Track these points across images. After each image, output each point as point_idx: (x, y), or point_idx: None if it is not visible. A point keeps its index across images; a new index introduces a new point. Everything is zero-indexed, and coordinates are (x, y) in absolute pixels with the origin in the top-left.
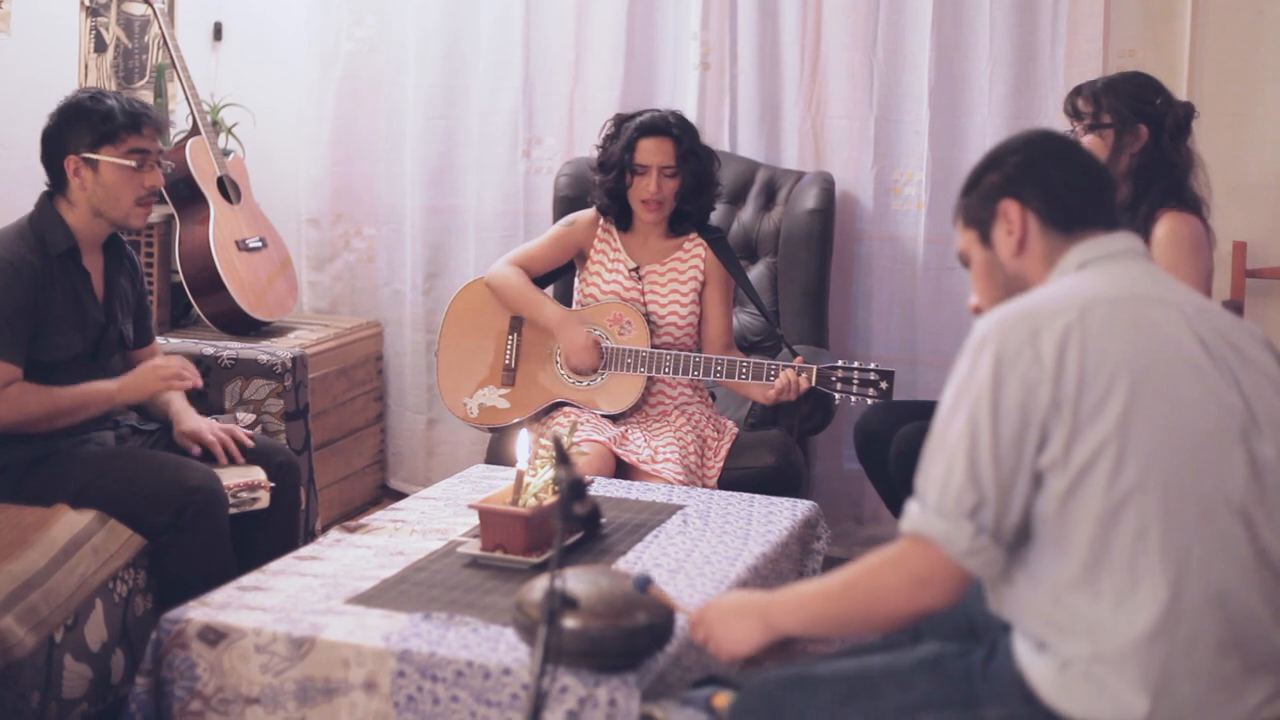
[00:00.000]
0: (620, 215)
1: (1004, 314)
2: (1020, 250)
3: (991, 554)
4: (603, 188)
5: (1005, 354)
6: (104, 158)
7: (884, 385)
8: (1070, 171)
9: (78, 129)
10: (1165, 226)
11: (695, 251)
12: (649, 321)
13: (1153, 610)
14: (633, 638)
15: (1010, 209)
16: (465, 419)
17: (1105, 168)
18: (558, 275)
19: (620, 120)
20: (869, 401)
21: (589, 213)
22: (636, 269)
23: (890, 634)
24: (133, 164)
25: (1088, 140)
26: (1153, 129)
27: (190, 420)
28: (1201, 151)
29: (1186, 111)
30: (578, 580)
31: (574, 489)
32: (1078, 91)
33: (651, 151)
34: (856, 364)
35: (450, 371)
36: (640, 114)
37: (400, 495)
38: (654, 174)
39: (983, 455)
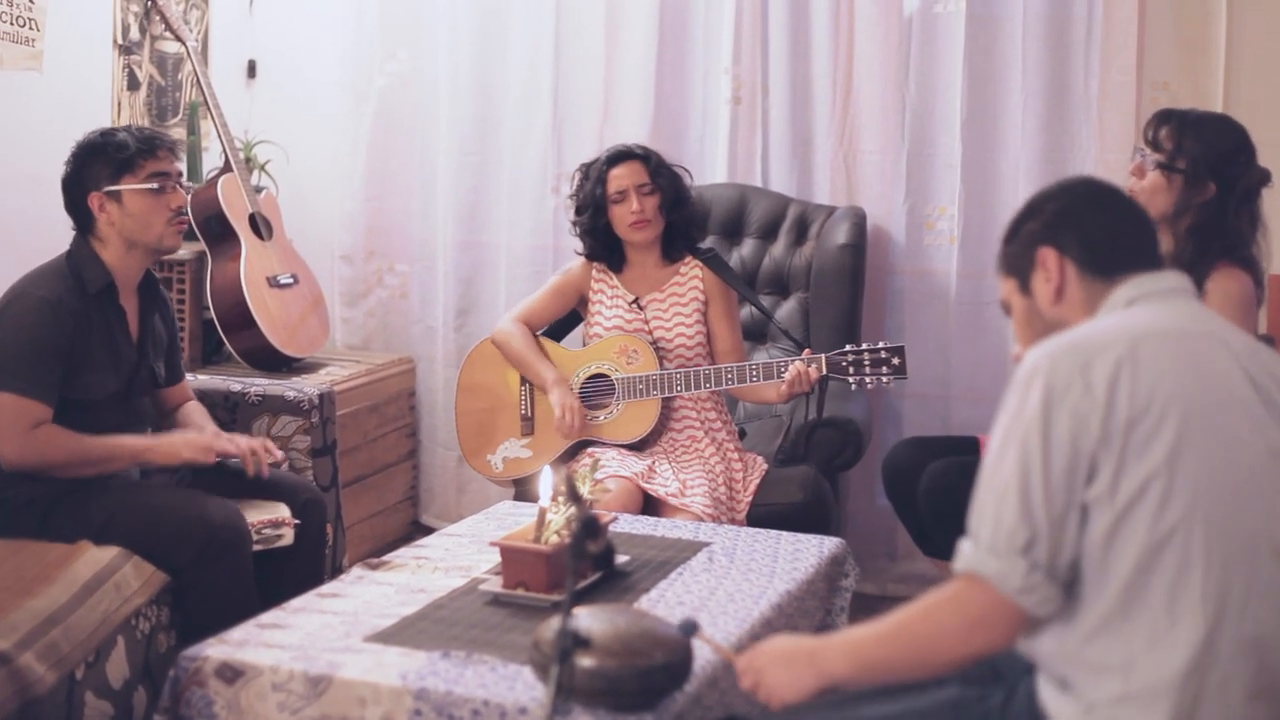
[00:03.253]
0: (610, 255)
1: (1053, 346)
2: (1058, 298)
3: (1046, 591)
4: (585, 230)
5: (1055, 386)
6: (125, 187)
7: (896, 361)
8: (1108, 218)
9: (95, 166)
10: (1217, 282)
11: (693, 273)
12: (657, 348)
13: (1187, 651)
14: (649, 677)
15: (1048, 257)
16: (492, 477)
17: (1144, 212)
18: (568, 325)
19: (585, 167)
20: (885, 381)
21: (580, 260)
22: (636, 300)
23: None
24: (154, 186)
25: (1152, 176)
26: (1221, 189)
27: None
28: None
29: (1261, 178)
30: (595, 619)
31: (587, 527)
32: (1165, 119)
33: (623, 176)
34: (865, 345)
35: (470, 435)
36: (602, 154)
37: (431, 531)
38: (632, 195)
39: (1034, 490)
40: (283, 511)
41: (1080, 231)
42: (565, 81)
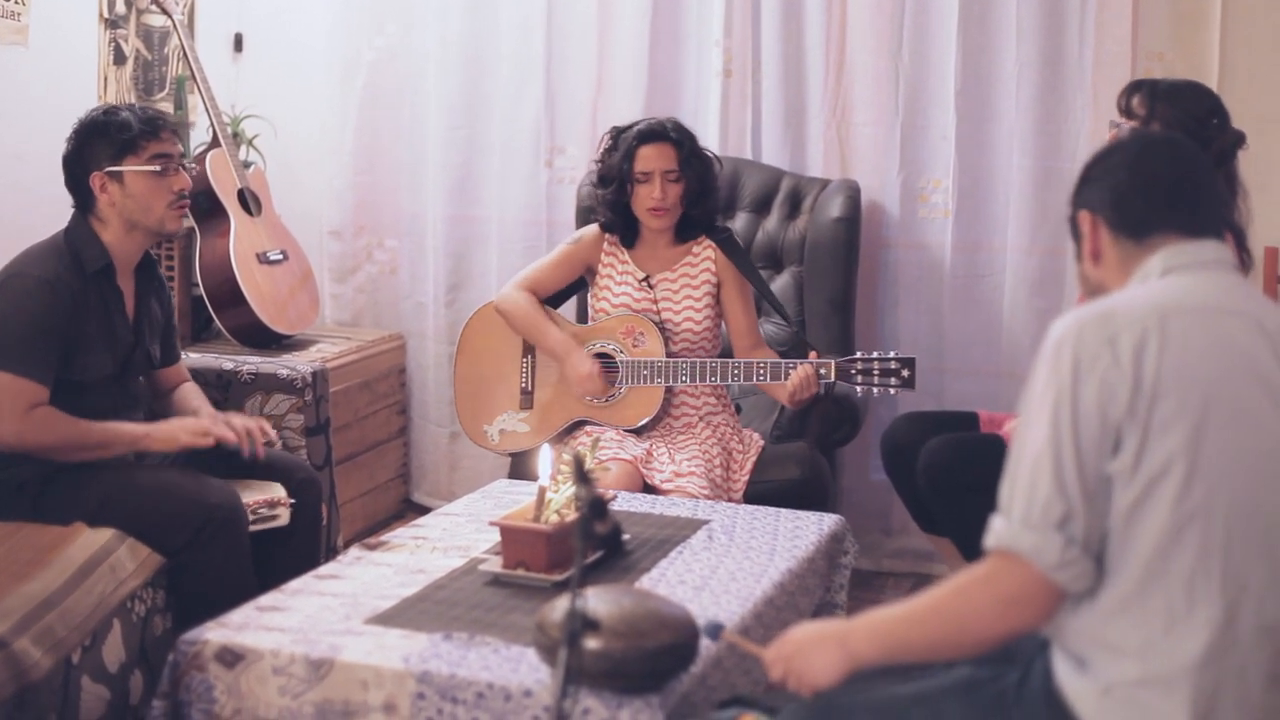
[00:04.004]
0: (625, 230)
1: (1080, 316)
2: (1095, 261)
3: (1083, 566)
4: (604, 201)
5: (1083, 356)
6: (128, 168)
7: (905, 373)
8: (1142, 173)
9: (98, 145)
10: None
11: (705, 255)
12: (663, 330)
13: (1205, 636)
14: (656, 658)
15: (1084, 220)
16: (487, 447)
17: (1188, 169)
18: (570, 293)
19: (617, 132)
20: (892, 391)
21: (594, 229)
22: (647, 278)
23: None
24: (157, 168)
25: None
26: None
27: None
28: None
29: (1235, 140)
30: (600, 600)
31: (594, 507)
32: (1137, 87)
33: (652, 158)
34: (876, 354)
35: (468, 401)
36: (637, 123)
37: (424, 509)
38: (657, 179)
39: (1067, 463)
40: (278, 491)
41: (1111, 191)
42: (557, 54)
